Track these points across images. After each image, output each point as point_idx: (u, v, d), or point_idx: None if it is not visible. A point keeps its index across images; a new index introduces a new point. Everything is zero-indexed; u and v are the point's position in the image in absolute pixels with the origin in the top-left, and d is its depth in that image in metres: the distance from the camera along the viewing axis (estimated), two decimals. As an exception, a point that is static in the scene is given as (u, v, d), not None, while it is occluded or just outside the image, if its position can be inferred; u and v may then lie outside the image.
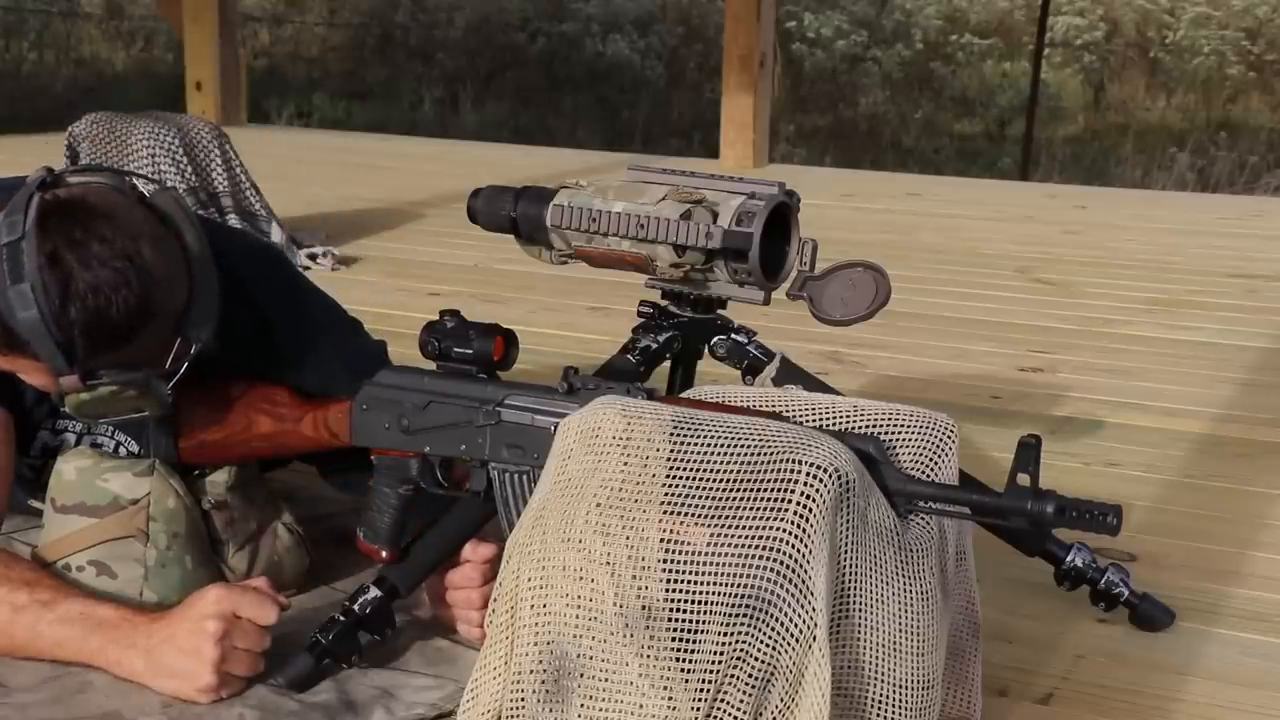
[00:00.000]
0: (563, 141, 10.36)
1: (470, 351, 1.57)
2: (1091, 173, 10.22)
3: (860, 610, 1.27)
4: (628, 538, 1.23)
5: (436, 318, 1.61)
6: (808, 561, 1.20)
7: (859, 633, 1.27)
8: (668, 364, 1.88)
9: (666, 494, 1.25)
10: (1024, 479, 1.27)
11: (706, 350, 1.89)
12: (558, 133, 11.16)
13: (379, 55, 13.31)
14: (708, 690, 1.20)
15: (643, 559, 1.22)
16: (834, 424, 1.40)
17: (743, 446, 1.26)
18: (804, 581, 1.20)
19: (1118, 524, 1.25)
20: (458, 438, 1.57)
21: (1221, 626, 1.90)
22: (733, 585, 1.20)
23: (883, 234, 5.14)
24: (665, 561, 1.22)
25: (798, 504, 1.22)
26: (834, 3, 12.93)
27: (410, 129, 10.75)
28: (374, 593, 1.58)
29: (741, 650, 1.20)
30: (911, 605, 1.28)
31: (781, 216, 1.75)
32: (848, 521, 1.25)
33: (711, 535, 1.22)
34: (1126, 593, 1.85)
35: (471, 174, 1.59)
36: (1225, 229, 5.47)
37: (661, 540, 1.23)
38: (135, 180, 1.62)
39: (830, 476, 1.23)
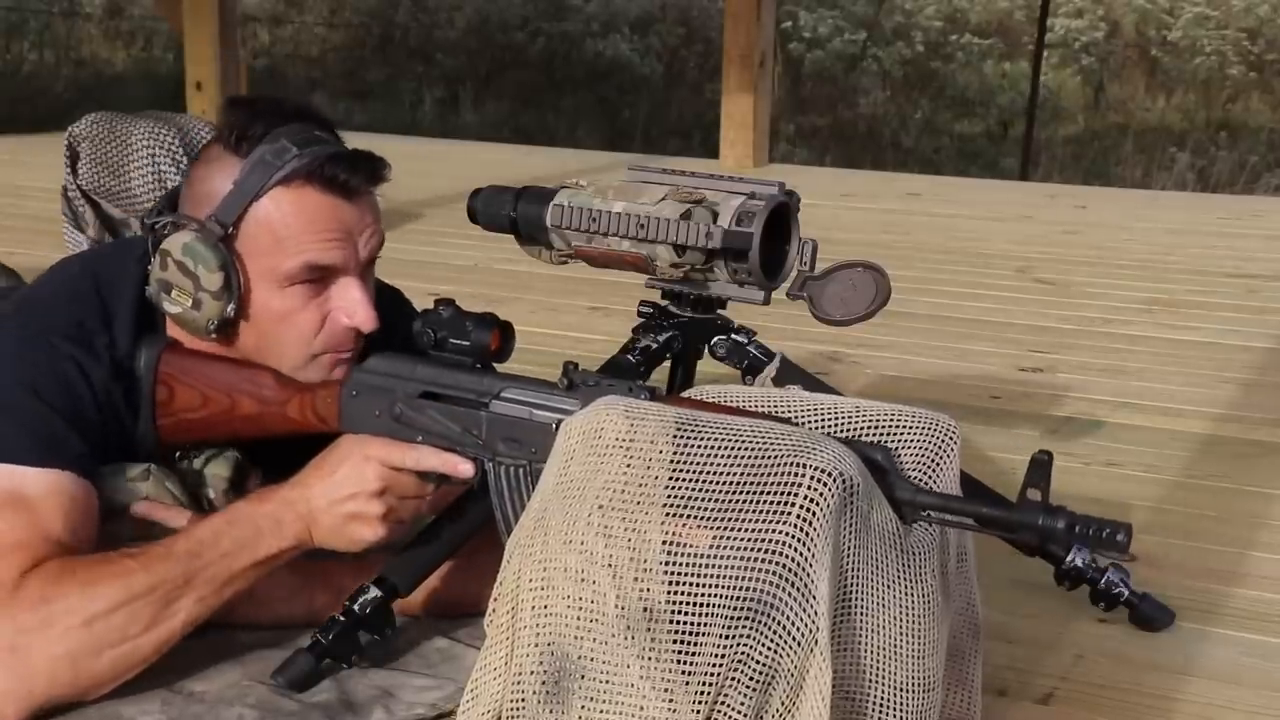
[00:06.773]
0: (563, 141, 10.36)
1: (467, 343, 1.55)
2: (1091, 173, 10.22)
3: (861, 613, 1.26)
4: (630, 540, 1.23)
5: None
6: (810, 565, 1.20)
7: (860, 635, 1.26)
8: (668, 363, 1.88)
9: (669, 496, 1.24)
10: (1034, 494, 1.26)
11: (706, 350, 1.89)
12: (558, 133, 11.16)
13: (379, 55, 13.29)
14: (709, 693, 1.20)
15: (645, 561, 1.22)
16: (835, 424, 1.40)
17: (746, 449, 1.26)
18: (806, 585, 1.20)
19: (1128, 542, 1.25)
20: None
21: (1221, 626, 1.90)
22: (735, 588, 1.20)
23: (883, 234, 5.14)
24: (667, 564, 1.22)
25: (801, 507, 1.21)
26: (832, 2, 12.92)
27: (410, 129, 10.74)
28: (374, 593, 1.58)
29: (743, 653, 1.20)
30: (913, 608, 1.28)
31: (781, 216, 1.75)
32: (851, 525, 1.25)
33: (714, 538, 1.22)
34: (1126, 593, 1.85)
35: (471, 174, 1.59)
36: (1225, 229, 5.47)
37: (663, 542, 1.23)
38: None
39: (834, 480, 1.23)
